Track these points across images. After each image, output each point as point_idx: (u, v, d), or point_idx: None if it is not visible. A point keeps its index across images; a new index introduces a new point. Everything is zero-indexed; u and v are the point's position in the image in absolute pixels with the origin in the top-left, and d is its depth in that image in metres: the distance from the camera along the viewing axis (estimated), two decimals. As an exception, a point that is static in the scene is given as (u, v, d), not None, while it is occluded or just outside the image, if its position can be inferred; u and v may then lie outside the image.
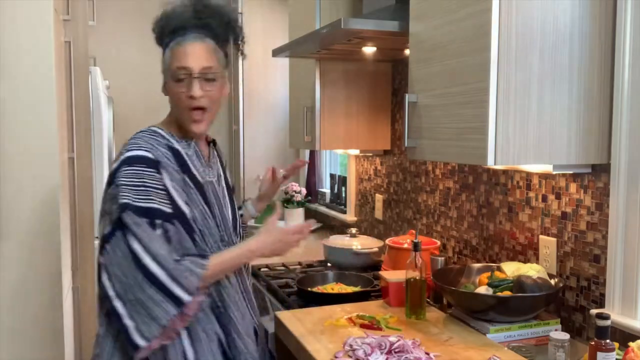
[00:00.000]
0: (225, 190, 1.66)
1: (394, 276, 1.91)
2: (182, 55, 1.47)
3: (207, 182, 1.56)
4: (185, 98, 1.48)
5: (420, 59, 1.73)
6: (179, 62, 1.47)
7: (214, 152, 1.67)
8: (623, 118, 1.50)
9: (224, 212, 1.60)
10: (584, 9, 1.48)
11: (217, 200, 1.57)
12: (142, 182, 1.40)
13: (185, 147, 1.54)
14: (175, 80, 1.48)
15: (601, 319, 1.27)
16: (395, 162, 2.74)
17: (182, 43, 1.48)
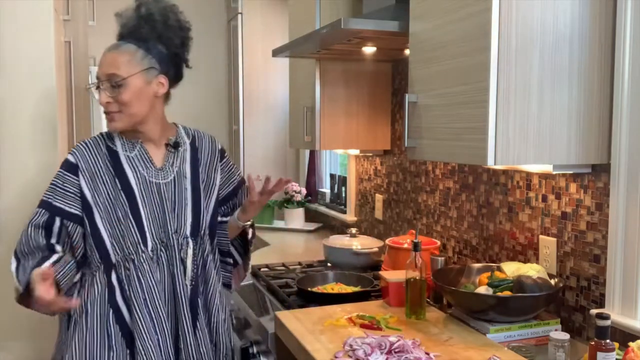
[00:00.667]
0: (189, 192, 1.70)
1: (394, 276, 1.91)
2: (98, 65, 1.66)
3: (150, 184, 1.65)
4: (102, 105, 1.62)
5: (420, 59, 1.73)
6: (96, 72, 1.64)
7: (175, 155, 1.72)
8: (623, 118, 1.50)
9: (171, 213, 1.66)
10: (584, 9, 1.48)
11: (160, 202, 1.64)
12: (56, 182, 1.62)
13: (129, 149, 1.66)
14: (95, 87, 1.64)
15: (601, 319, 1.27)
16: (395, 162, 2.74)
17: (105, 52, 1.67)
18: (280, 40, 3.73)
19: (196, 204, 1.70)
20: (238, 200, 1.88)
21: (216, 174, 1.80)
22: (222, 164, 1.83)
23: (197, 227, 1.70)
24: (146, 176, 1.65)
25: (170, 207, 1.66)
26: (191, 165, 1.73)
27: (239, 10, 3.88)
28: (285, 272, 2.43)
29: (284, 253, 2.99)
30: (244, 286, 2.32)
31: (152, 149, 1.70)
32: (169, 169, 1.69)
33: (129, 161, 1.65)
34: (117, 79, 1.60)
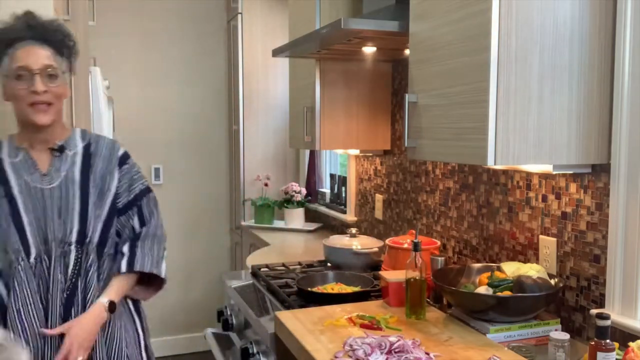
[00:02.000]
0: (77, 198, 1.64)
1: (394, 276, 1.91)
2: (21, 57, 1.56)
3: (35, 190, 1.62)
4: (27, 94, 1.56)
5: (420, 59, 1.73)
6: (18, 62, 1.56)
7: (61, 159, 1.67)
8: (623, 118, 1.50)
9: (57, 219, 1.62)
10: (583, 9, 1.48)
11: (43, 208, 1.61)
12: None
13: (13, 155, 1.64)
14: (15, 78, 1.56)
15: (601, 319, 1.27)
16: (395, 162, 2.74)
17: (20, 47, 1.57)
18: (280, 40, 3.73)
19: (83, 211, 1.65)
20: (138, 211, 1.75)
21: (111, 180, 1.71)
22: (121, 170, 1.73)
23: (83, 235, 1.65)
24: (30, 182, 1.62)
25: (56, 213, 1.62)
26: (81, 170, 1.67)
27: (239, 10, 3.88)
28: (285, 272, 2.43)
29: (284, 253, 2.99)
30: (244, 286, 2.33)
31: (37, 154, 1.66)
32: (54, 174, 1.65)
33: (12, 167, 1.63)
34: (54, 69, 1.59)
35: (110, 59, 3.85)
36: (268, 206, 3.67)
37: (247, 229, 3.73)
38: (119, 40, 3.93)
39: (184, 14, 4.09)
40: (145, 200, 1.76)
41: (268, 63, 3.95)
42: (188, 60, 4.11)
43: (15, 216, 1.60)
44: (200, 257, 4.23)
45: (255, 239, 3.53)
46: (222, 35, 4.19)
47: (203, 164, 4.23)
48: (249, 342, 2.00)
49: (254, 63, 3.94)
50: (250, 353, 1.95)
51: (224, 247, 4.31)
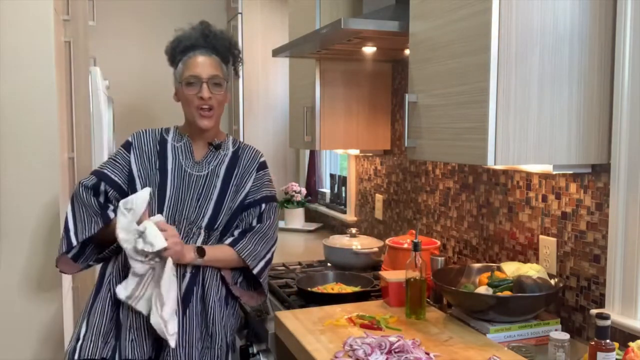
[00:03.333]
0: (217, 190, 1.85)
1: (394, 276, 1.91)
2: (193, 66, 1.81)
3: (184, 173, 1.84)
4: (196, 99, 1.80)
5: (420, 59, 1.73)
6: (190, 71, 1.80)
7: (214, 155, 1.90)
8: (623, 118, 1.50)
9: (194, 203, 1.81)
10: (583, 9, 1.48)
11: (186, 189, 1.82)
12: (112, 156, 1.88)
13: (177, 140, 1.90)
14: (187, 85, 1.81)
15: (601, 319, 1.27)
16: (395, 162, 2.74)
17: (192, 56, 1.82)
18: (280, 40, 3.72)
19: (219, 202, 1.84)
20: (259, 211, 1.89)
21: (249, 180, 1.90)
22: (257, 174, 1.92)
23: (213, 222, 1.82)
24: (183, 165, 1.85)
25: (195, 198, 1.82)
26: (227, 169, 1.88)
27: (239, 10, 3.88)
28: (285, 272, 2.43)
29: (284, 253, 2.99)
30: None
31: (196, 145, 1.89)
32: (204, 165, 1.87)
33: (173, 149, 1.87)
34: (219, 79, 1.82)
35: (110, 59, 3.85)
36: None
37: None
38: (119, 40, 3.93)
39: (184, 14, 4.09)
40: (267, 206, 1.91)
41: (268, 63, 3.94)
42: (188, 60, 4.10)
43: (160, 189, 1.81)
44: (200, 257, 4.22)
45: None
46: (222, 35, 4.19)
47: (203, 164, 4.22)
48: (249, 342, 2.00)
49: (254, 63, 3.94)
50: (250, 353, 1.95)
51: (224, 247, 4.30)
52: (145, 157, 1.86)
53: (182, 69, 1.83)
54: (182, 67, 1.83)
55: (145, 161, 1.85)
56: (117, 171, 1.83)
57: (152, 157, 1.86)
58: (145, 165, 1.84)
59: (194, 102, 1.80)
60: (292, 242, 3.26)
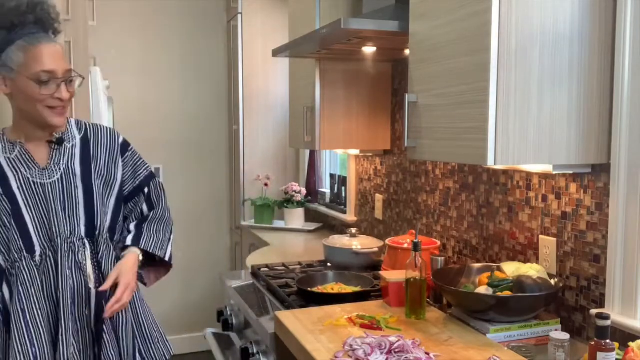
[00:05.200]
0: (80, 190, 1.62)
1: (394, 276, 1.91)
2: (46, 59, 1.50)
3: (35, 185, 1.57)
4: (48, 99, 1.52)
5: (420, 59, 1.73)
6: (41, 65, 1.49)
7: (59, 151, 1.63)
8: (623, 118, 1.50)
9: (61, 214, 1.58)
10: (583, 9, 1.48)
11: (46, 204, 1.57)
12: None
13: (8, 151, 1.58)
14: (36, 81, 1.49)
15: (601, 319, 1.27)
16: (395, 162, 2.74)
17: (36, 44, 1.49)
18: (280, 40, 3.72)
19: (89, 203, 1.62)
20: (145, 196, 1.77)
21: (117, 169, 1.70)
22: (124, 157, 1.72)
23: (92, 227, 1.62)
24: (29, 177, 1.58)
25: (60, 208, 1.59)
26: (82, 162, 1.64)
27: (239, 10, 3.88)
28: (285, 272, 2.43)
29: (284, 253, 2.99)
30: (244, 286, 2.33)
31: (34, 148, 1.61)
32: (54, 168, 1.60)
33: (9, 163, 1.57)
34: (72, 75, 1.56)
35: (110, 59, 3.85)
36: (268, 206, 3.67)
37: (247, 229, 3.73)
38: (119, 40, 3.93)
39: (184, 14, 4.09)
40: (152, 186, 1.78)
41: (268, 63, 3.95)
42: (188, 60, 4.11)
43: (16, 214, 1.55)
44: (200, 257, 4.23)
45: (255, 239, 3.53)
46: (222, 35, 4.20)
47: (203, 164, 4.23)
48: (249, 342, 2.00)
49: (254, 63, 3.94)
50: (250, 353, 1.95)
51: (224, 247, 4.31)
52: None
53: (25, 60, 1.49)
54: (23, 57, 1.49)
55: None
56: None
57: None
58: None
59: (45, 102, 1.52)
60: (292, 242, 3.26)
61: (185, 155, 4.17)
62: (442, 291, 1.78)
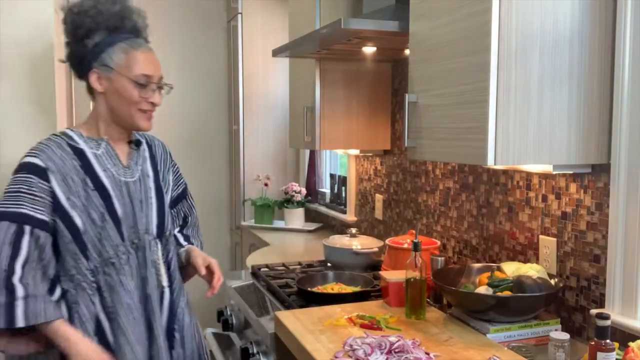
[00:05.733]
0: (153, 191, 1.66)
1: (394, 276, 1.91)
2: (145, 64, 1.57)
3: (120, 182, 1.58)
4: (141, 101, 1.57)
5: (420, 59, 1.73)
6: (142, 69, 1.56)
7: (137, 153, 1.68)
8: (623, 118, 1.50)
9: (140, 213, 1.60)
10: (584, 9, 1.48)
11: (130, 201, 1.59)
12: (18, 188, 1.47)
13: (94, 147, 1.58)
14: (134, 84, 1.55)
15: (601, 319, 1.27)
16: (395, 162, 2.74)
17: (137, 47, 1.57)
18: (280, 40, 3.72)
19: (160, 205, 1.67)
20: (187, 203, 1.87)
21: (169, 174, 1.78)
22: (173, 165, 1.81)
23: (162, 227, 1.66)
24: (114, 174, 1.58)
25: (139, 207, 1.60)
26: (151, 165, 1.70)
27: (239, 10, 3.88)
28: (285, 272, 2.43)
29: (284, 253, 2.99)
30: (244, 286, 2.33)
31: (117, 147, 1.63)
32: (134, 167, 1.64)
33: (97, 159, 1.57)
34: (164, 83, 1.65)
35: (110, 59, 3.84)
36: (268, 206, 3.67)
37: (247, 229, 3.73)
38: (119, 40, 3.92)
39: (184, 14, 4.09)
40: (189, 193, 1.89)
41: (268, 63, 3.95)
42: (188, 60, 4.11)
43: (110, 209, 1.54)
44: (200, 257, 4.22)
45: (255, 239, 3.53)
46: (222, 35, 4.20)
47: (203, 164, 4.23)
48: (249, 342, 2.00)
49: (254, 63, 3.94)
50: (250, 353, 1.95)
51: (224, 247, 4.31)
52: (70, 179, 1.51)
53: (126, 61, 1.54)
54: (124, 58, 1.54)
55: (71, 184, 1.51)
56: (40, 207, 1.47)
57: (76, 176, 1.52)
58: (73, 189, 1.50)
59: (138, 104, 1.56)
60: (292, 242, 3.26)
61: (185, 155, 4.17)
62: (442, 291, 1.78)
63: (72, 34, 1.57)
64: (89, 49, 1.55)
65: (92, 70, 1.56)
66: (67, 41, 1.59)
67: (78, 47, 1.57)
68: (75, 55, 1.59)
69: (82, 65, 1.57)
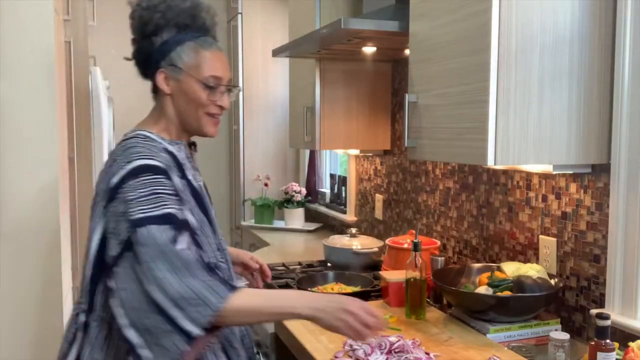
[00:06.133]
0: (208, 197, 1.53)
1: (394, 276, 1.91)
2: (217, 65, 1.43)
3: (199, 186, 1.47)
4: (213, 106, 1.43)
5: (420, 59, 1.73)
6: (212, 70, 1.42)
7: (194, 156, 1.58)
8: (623, 118, 1.50)
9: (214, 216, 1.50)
10: (584, 9, 1.48)
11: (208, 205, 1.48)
12: (152, 190, 1.27)
13: (176, 150, 1.44)
14: (203, 85, 1.41)
15: (601, 319, 1.27)
16: (395, 162, 2.74)
17: (208, 47, 1.43)
18: (280, 40, 3.72)
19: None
20: None
21: None
22: None
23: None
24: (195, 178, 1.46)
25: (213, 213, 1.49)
26: None
27: (239, 10, 3.88)
28: (285, 272, 2.43)
29: (284, 253, 2.99)
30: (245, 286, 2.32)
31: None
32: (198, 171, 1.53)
33: (185, 163, 1.45)
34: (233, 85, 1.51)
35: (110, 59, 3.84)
36: (268, 206, 3.67)
37: (247, 229, 3.73)
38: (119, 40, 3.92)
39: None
40: None
41: (268, 63, 3.95)
42: (188, 60, 4.10)
43: (207, 214, 1.43)
44: (200, 257, 4.22)
45: (255, 239, 3.53)
46: (222, 35, 4.20)
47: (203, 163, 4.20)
48: (249, 342, 2.00)
49: (254, 63, 3.94)
50: (250, 353, 1.94)
51: (224, 247, 4.30)
52: (177, 179, 1.38)
53: (197, 62, 1.41)
54: (194, 58, 1.41)
55: (179, 185, 1.37)
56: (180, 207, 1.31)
57: (177, 176, 1.38)
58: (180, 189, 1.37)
59: (206, 107, 1.43)
60: (292, 242, 3.26)
61: (185, 155, 4.17)
62: (442, 291, 1.78)
63: (139, 30, 1.45)
64: (156, 47, 1.43)
65: (160, 70, 1.44)
66: (134, 38, 1.48)
67: (145, 44, 1.45)
68: (141, 53, 1.47)
69: (149, 64, 1.46)
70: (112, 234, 1.27)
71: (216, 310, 1.18)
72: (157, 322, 1.19)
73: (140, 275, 1.21)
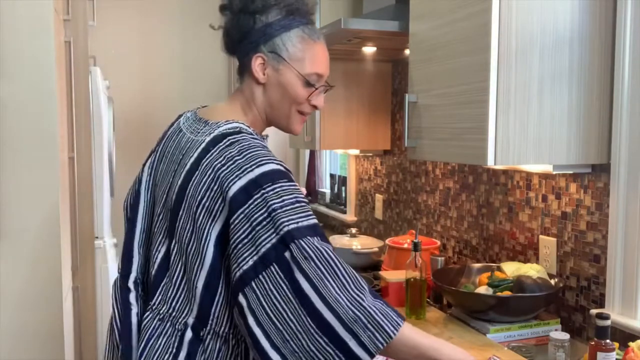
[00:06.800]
0: None
1: (394, 276, 1.91)
2: (321, 59, 1.28)
3: None
4: (307, 105, 1.30)
5: (420, 59, 1.73)
6: (317, 66, 1.27)
7: None
8: (623, 118, 1.50)
9: None
10: (584, 9, 1.48)
11: None
12: (295, 198, 1.15)
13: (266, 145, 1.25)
14: (305, 83, 1.27)
15: (601, 319, 1.27)
16: (395, 162, 2.74)
17: (316, 39, 1.27)
18: (280, 40, 3.72)
19: None
20: None
21: None
22: None
23: None
24: None
25: None
26: None
27: (239, 10, 3.88)
28: (285, 272, 2.43)
29: (284, 253, 2.98)
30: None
31: None
32: None
33: None
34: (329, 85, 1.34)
35: (110, 59, 3.85)
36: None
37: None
38: (119, 40, 3.92)
39: (184, 14, 4.09)
40: None
41: (268, 63, 3.94)
42: (188, 59, 4.11)
43: None
44: (200, 257, 4.22)
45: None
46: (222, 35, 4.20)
47: (203, 164, 4.22)
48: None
49: (254, 63, 3.93)
50: (250, 353, 1.94)
51: (224, 247, 4.30)
52: None
53: (303, 54, 1.25)
54: (301, 50, 1.25)
55: None
56: None
57: None
58: None
59: (300, 105, 1.28)
60: (292, 242, 3.25)
61: (185, 155, 4.17)
62: (442, 291, 1.78)
63: (242, 3, 1.26)
64: (258, 27, 1.25)
65: (257, 54, 1.26)
66: (234, 10, 1.28)
67: (245, 21, 1.26)
68: (238, 29, 1.28)
69: (244, 44, 1.27)
70: (243, 243, 1.10)
71: (390, 338, 1.04)
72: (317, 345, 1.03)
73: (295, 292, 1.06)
